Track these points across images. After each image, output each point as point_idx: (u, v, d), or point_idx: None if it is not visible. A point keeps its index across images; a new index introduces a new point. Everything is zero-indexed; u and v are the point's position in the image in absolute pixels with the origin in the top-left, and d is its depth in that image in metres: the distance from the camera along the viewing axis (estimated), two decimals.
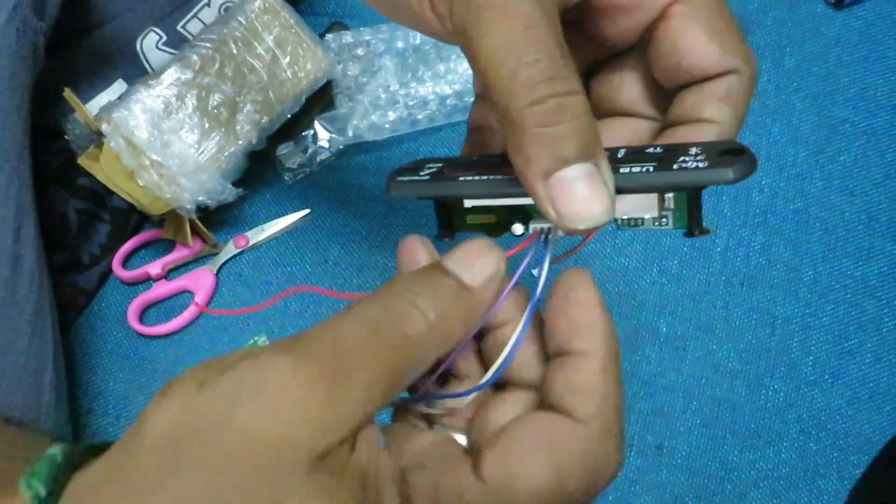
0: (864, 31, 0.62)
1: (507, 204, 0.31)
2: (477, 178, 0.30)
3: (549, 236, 0.30)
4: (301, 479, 0.22)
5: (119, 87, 0.57)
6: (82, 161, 0.54)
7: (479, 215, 0.32)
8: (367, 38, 0.61)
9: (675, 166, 0.27)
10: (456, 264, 0.27)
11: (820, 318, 0.56)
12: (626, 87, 0.33)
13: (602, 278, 0.56)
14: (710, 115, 0.30)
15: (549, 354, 0.28)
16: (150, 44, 0.57)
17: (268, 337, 0.56)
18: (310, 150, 0.60)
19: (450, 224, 0.33)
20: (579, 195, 0.26)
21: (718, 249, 0.57)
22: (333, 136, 0.60)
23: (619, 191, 0.27)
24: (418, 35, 0.61)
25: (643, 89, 0.33)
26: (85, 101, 0.55)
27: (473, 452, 0.27)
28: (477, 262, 0.27)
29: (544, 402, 0.27)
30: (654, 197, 0.30)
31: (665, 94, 0.33)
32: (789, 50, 0.62)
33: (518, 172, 0.27)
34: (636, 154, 0.29)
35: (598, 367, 0.26)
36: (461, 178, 0.30)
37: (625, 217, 0.30)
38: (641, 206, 0.30)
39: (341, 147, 0.61)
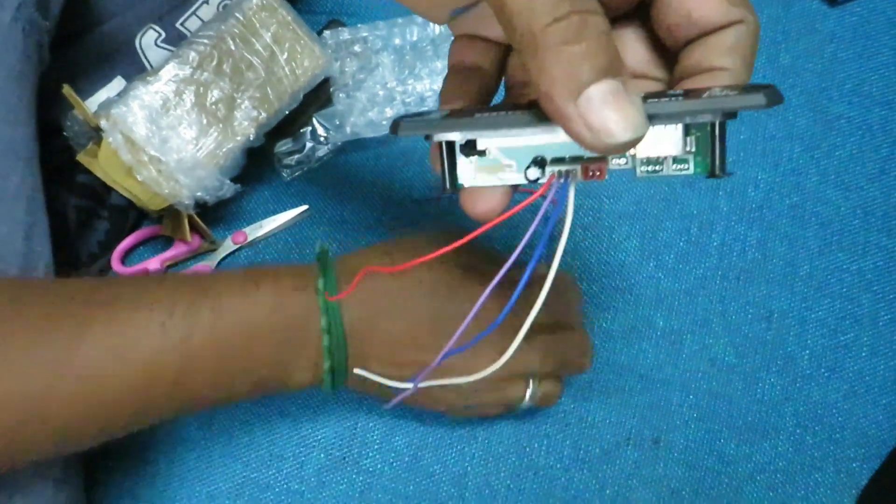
0: (858, 28, 0.62)
1: (526, 144, 0.30)
2: (494, 114, 0.29)
3: (570, 178, 0.29)
4: None
5: (118, 84, 0.57)
6: (81, 158, 0.54)
7: (488, 164, 0.31)
8: (365, 35, 0.61)
9: (704, 96, 0.27)
10: None
11: (816, 313, 0.56)
12: (631, 49, 0.34)
13: (598, 273, 0.56)
14: (721, 63, 0.30)
15: None
16: (149, 41, 0.58)
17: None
18: (307, 147, 0.61)
19: (454, 175, 0.32)
20: (612, 111, 0.26)
21: (715, 244, 0.58)
22: (331, 132, 0.60)
23: (651, 118, 0.27)
24: (416, 31, 0.61)
25: (647, 51, 0.33)
26: (84, 99, 0.56)
27: None
28: None
29: None
30: (679, 132, 0.29)
31: (668, 56, 0.33)
32: (784, 47, 0.62)
33: (543, 96, 0.26)
34: (659, 95, 0.29)
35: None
36: (477, 115, 0.29)
37: (646, 157, 0.30)
38: (664, 142, 0.29)
39: (339, 144, 0.61)
